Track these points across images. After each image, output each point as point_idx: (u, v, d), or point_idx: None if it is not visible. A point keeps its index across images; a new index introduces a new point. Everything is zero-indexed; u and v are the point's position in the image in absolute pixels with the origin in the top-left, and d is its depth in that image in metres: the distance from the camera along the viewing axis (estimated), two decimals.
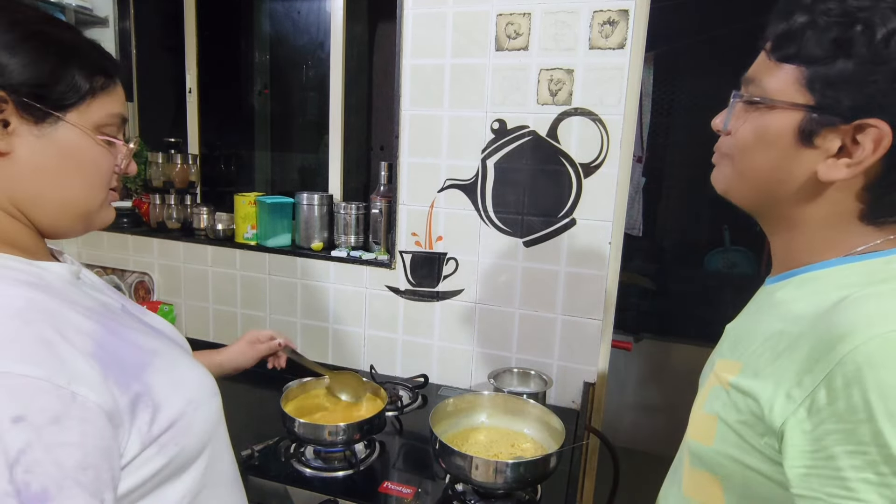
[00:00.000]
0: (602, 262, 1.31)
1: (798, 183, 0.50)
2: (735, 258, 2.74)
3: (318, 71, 1.91)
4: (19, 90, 0.51)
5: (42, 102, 0.53)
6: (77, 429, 0.46)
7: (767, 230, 0.59)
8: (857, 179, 0.48)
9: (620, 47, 1.22)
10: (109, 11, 1.80)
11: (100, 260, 1.84)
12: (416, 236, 1.46)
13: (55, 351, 0.48)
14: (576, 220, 1.32)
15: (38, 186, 0.55)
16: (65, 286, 0.57)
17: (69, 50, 0.55)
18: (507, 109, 1.32)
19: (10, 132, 0.52)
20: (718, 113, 0.59)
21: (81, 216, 0.59)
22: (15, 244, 0.55)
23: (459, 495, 1.04)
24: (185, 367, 0.63)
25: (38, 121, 0.53)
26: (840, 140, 0.47)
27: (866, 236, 0.50)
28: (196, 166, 1.85)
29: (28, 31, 0.53)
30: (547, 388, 1.33)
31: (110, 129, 0.59)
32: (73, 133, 0.55)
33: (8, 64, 0.51)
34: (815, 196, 0.50)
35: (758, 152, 0.53)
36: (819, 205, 0.51)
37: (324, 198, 1.60)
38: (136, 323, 0.64)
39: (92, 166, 0.58)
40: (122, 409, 0.51)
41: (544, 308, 1.38)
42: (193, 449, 0.59)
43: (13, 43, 0.51)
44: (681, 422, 2.58)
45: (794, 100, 0.49)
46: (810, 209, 0.51)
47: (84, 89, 0.56)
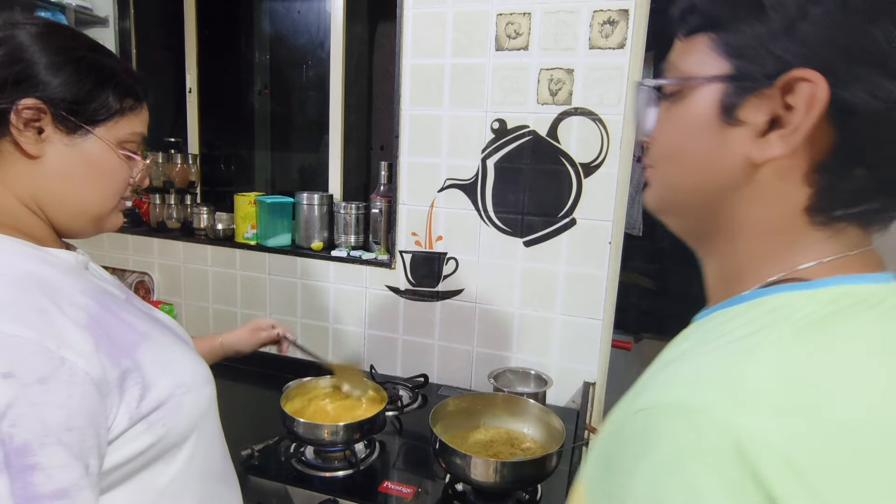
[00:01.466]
0: (602, 261, 1.31)
1: (730, 175, 0.40)
2: None
3: (318, 71, 1.91)
4: (58, 104, 0.59)
5: (76, 116, 0.61)
6: (63, 391, 0.49)
7: (703, 255, 0.49)
8: (800, 159, 0.37)
9: (620, 47, 1.22)
10: (109, 11, 1.80)
11: (100, 259, 1.84)
12: (416, 236, 1.46)
13: (48, 318, 0.52)
14: (576, 220, 1.32)
15: (61, 189, 0.62)
16: (69, 270, 0.63)
17: (106, 74, 0.63)
18: (507, 109, 1.32)
19: (43, 139, 0.60)
20: None
21: (94, 219, 0.66)
22: (27, 233, 0.61)
23: (459, 495, 1.04)
24: (178, 353, 0.67)
25: (70, 132, 0.61)
26: (769, 109, 0.37)
27: (817, 246, 0.39)
28: (196, 166, 1.85)
29: (73, 55, 0.61)
30: (547, 387, 1.33)
31: (131, 145, 0.67)
32: (99, 146, 0.63)
33: (51, 81, 0.59)
34: (757, 191, 0.40)
35: (681, 152, 0.43)
36: (763, 203, 0.40)
37: (324, 197, 1.60)
38: (136, 311, 0.68)
39: (110, 176, 0.65)
40: (111, 380, 0.55)
41: (544, 308, 1.38)
42: (181, 431, 0.63)
43: (59, 64, 0.60)
44: None
45: (709, 72, 0.40)
46: (752, 211, 0.40)
47: (114, 109, 0.64)
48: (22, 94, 0.57)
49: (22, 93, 0.57)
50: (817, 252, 0.39)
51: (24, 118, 0.57)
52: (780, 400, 0.31)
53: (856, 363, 0.33)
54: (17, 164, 0.60)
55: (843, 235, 0.39)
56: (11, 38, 0.58)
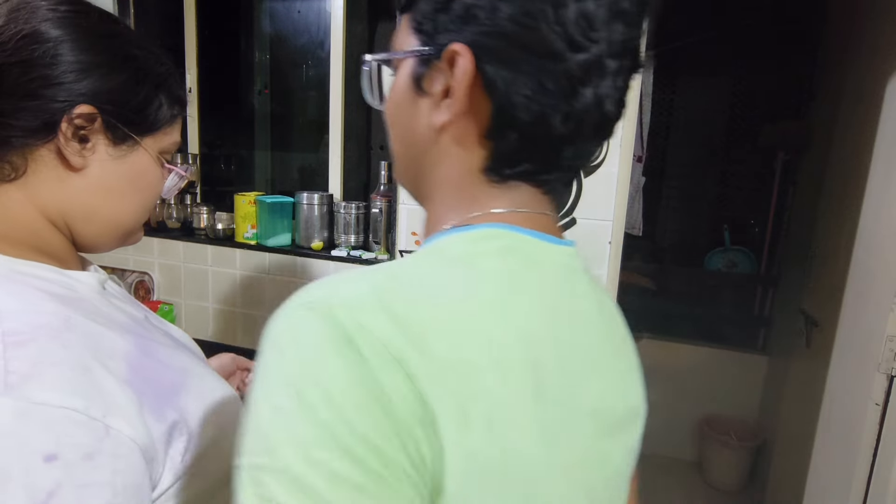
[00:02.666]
0: (602, 261, 1.31)
1: (424, 140, 0.44)
2: (735, 258, 2.74)
3: (318, 70, 1.91)
4: (109, 110, 0.52)
5: (127, 126, 0.54)
6: (109, 466, 0.44)
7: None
8: (471, 125, 0.41)
9: None
10: (110, 11, 1.80)
11: (100, 259, 1.84)
12: (416, 236, 1.46)
13: (93, 378, 0.46)
14: (576, 220, 1.32)
15: (97, 203, 0.55)
16: (95, 298, 0.56)
17: (162, 79, 0.57)
18: None
19: (88, 148, 0.52)
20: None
21: (123, 235, 0.60)
22: (48, 252, 0.54)
23: None
24: (215, 388, 0.60)
25: (118, 142, 0.54)
26: (442, 80, 0.41)
27: (491, 200, 0.43)
28: (196, 166, 1.85)
29: (132, 54, 0.54)
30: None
31: (168, 155, 0.61)
32: (144, 158, 0.57)
33: (105, 85, 0.52)
34: (441, 153, 0.44)
35: (396, 122, 0.47)
36: (446, 164, 0.44)
37: (324, 197, 1.60)
38: (163, 336, 0.62)
39: (150, 190, 0.59)
40: (157, 440, 0.49)
41: None
42: (222, 476, 0.57)
43: (117, 65, 0.53)
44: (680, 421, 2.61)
45: (405, 47, 0.44)
46: (440, 171, 0.44)
47: (165, 118, 0.58)
48: (77, 98, 0.50)
49: (77, 95, 0.50)
50: (489, 205, 0.43)
51: (76, 125, 0.50)
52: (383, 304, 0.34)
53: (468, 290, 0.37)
54: (52, 175, 0.52)
55: (515, 193, 0.43)
56: (73, 28, 0.51)
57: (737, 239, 2.75)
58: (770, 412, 2.46)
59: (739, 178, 2.77)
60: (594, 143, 0.44)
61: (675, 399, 2.77)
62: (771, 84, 2.62)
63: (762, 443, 2.49)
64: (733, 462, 2.52)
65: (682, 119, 2.81)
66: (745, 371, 2.66)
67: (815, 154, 2.23)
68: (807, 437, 1.77)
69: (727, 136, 2.74)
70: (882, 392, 1.29)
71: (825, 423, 1.65)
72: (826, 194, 1.99)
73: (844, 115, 1.88)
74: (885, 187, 1.41)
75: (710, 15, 2.61)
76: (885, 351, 1.28)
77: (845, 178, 1.76)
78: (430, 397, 0.31)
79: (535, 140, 0.40)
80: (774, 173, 2.58)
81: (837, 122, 1.95)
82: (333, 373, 0.30)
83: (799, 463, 1.84)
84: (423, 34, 0.42)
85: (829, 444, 1.59)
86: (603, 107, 0.40)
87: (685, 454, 2.76)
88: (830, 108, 2.03)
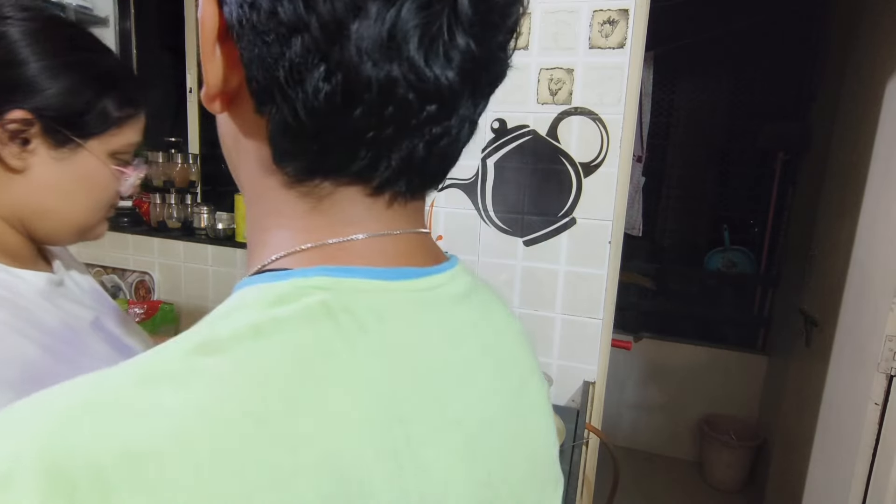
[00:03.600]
0: (602, 261, 1.31)
1: (227, 147, 0.36)
2: (735, 258, 2.74)
3: None
4: (49, 115, 0.52)
5: (68, 129, 0.54)
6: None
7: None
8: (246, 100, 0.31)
9: (620, 47, 1.22)
10: (110, 11, 1.80)
11: (100, 259, 1.84)
12: None
13: None
14: (576, 220, 1.32)
15: (45, 202, 0.55)
16: (33, 299, 0.56)
17: (107, 81, 0.56)
18: (507, 109, 1.32)
19: (29, 151, 0.53)
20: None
21: (78, 231, 0.60)
22: (2, 249, 0.56)
23: None
24: None
25: (59, 145, 0.54)
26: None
27: (292, 222, 0.33)
28: (196, 165, 1.85)
29: (72, 58, 0.53)
30: (547, 387, 1.33)
31: (125, 156, 0.60)
32: (90, 160, 0.56)
33: (46, 89, 0.51)
34: (235, 149, 0.35)
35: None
36: (240, 163, 0.35)
37: None
38: (101, 343, 0.61)
39: (99, 190, 0.59)
40: None
41: (544, 307, 1.38)
42: None
43: (56, 69, 0.52)
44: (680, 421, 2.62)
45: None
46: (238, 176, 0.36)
47: (111, 120, 0.57)
48: (10, 104, 0.50)
49: (10, 102, 0.50)
50: (317, 230, 0.32)
51: (10, 130, 0.51)
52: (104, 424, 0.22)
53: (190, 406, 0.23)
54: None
55: (348, 205, 0.32)
56: (13, 31, 0.51)
57: (736, 239, 2.75)
58: (770, 412, 2.46)
59: (739, 178, 2.77)
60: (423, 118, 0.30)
61: (675, 399, 2.77)
62: (771, 84, 2.62)
63: (762, 443, 2.49)
64: (733, 462, 2.53)
65: (682, 119, 2.81)
66: (744, 371, 2.66)
67: (815, 154, 2.23)
68: (806, 436, 1.77)
69: (727, 136, 2.75)
70: (881, 391, 1.29)
71: (825, 422, 1.65)
72: (826, 194, 1.99)
73: (844, 115, 1.88)
74: (885, 187, 1.42)
75: (711, 15, 2.61)
76: (885, 350, 1.28)
77: (845, 178, 1.76)
78: None
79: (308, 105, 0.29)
80: (774, 173, 2.58)
81: (837, 123, 1.95)
82: None
83: (799, 463, 1.84)
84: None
85: (829, 444, 1.59)
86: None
87: (685, 454, 2.77)
88: (830, 109, 2.03)
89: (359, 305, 0.30)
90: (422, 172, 0.33)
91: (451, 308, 0.35)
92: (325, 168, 0.31)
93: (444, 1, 0.28)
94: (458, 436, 0.31)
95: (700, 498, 2.54)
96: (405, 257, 0.34)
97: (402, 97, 0.29)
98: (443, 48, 0.29)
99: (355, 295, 0.30)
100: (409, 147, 0.31)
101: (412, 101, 0.29)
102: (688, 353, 2.75)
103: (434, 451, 0.29)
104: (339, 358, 0.27)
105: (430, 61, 0.28)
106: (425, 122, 0.30)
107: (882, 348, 1.28)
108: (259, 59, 0.29)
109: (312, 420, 0.25)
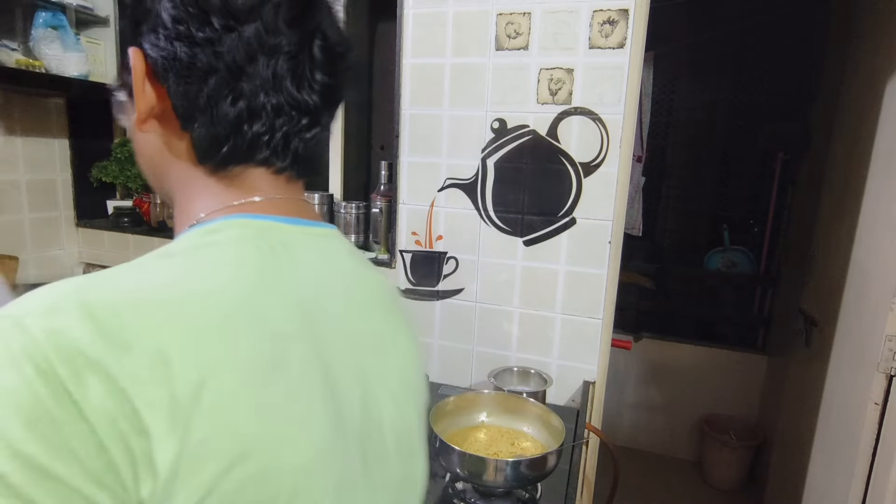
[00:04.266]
0: (602, 261, 1.31)
1: (144, 146, 0.48)
2: (735, 258, 2.74)
3: None
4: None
5: None
6: None
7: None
8: (171, 121, 0.45)
9: (620, 47, 1.22)
10: (110, 11, 1.80)
11: (100, 259, 1.84)
12: (416, 235, 1.46)
13: None
14: (576, 220, 1.32)
15: None
16: None
17: None
18: (507, 109, 1.32)
19: None
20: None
21: None
22: None
23: (459, 494, 1.04)
24: None
25: None
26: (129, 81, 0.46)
27: (225, 192, 0.46)
28: None
29: None
30: (547, 386, 1.33)
31: None
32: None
33: None
34: (161, 157, 0.47)
35: (131, 137, 0.52)
36: (169, 166, 0.47)
37: (324, 197, 1.60)
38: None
39: None
40: None
41: (544, 307, 1.38)
42: None
43: None
44: (680, 421, 2.61)
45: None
46: (170, 173, 0.48)
47: None
48: None
49: None
50: (227, 198, 0.45)
51: None
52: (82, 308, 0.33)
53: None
54: None
55: (250, 181, 0.46)
56: None
57: (736, 239, 2.75)
58: (770, 412, 2.46)
59: (739, 178, 2.77)
60: (302, 116, 0.46)
61: (675, 399, 2.77)
62: (771, 84, 2.62)
63: (762, 442, 2.49)
64: (733, 462, 2.53)
65: (682, 119, 2.81)
66: (744, 371, 2.66)
67: (815, 154, 2.23)
68: (806, 436, 1.77)
69: (727, 136, 2.75)
70: (881, 391, 1.29)
71: (825, 422, 1.65)
72: (825, 194, 1.99)
73: (844, 115, 1.88)
74: (885, 187, 1.42)
75: (711, 15, 2.61)
76: (885, 350, 1.28)
77: (845, 178, 1.76)
78: (132, 394, 0.31)
79: (223, 122, 0.43)
80: (774, 173, 2.58)
81: (837, 123, 1.95)
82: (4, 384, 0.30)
83: (798, 462, 1.84)
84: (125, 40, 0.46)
85: (829, 444, 1.59)
86: (280, 81, 0.44)
87: (685, 454, 2.77)
88: (830, 109, 2.03)
89: (268, 236, 0.43)
90: (303, 161, 0.48)
91: (336, 246, 0.50)
92: (237, 159, 0.45)
93: (305, 53, 0.44)
94: (340, 325, 0.46)
95: (700, 498, 2.54)
96: (296, 213, 0.48)
97: (287, 113, 0.45)
98: (307, 82, 0.45)
99: (265, 230, 0.44)
100: (294, 145, 0.46)
101: (293, 116, 0.45)
102: (688, 353, 2.75)
103: (326, 327, 0.44)
104: (261, 264, 0.41)
105: (301, 91, 0.45)
106: (302, 129, 0.46)
107: (882, 348, 1.28)
108: (183, 93, 0.43)
109: (247, 291, 0.39)
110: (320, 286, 0.45)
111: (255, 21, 0.42)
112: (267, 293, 0.40)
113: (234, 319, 0.37)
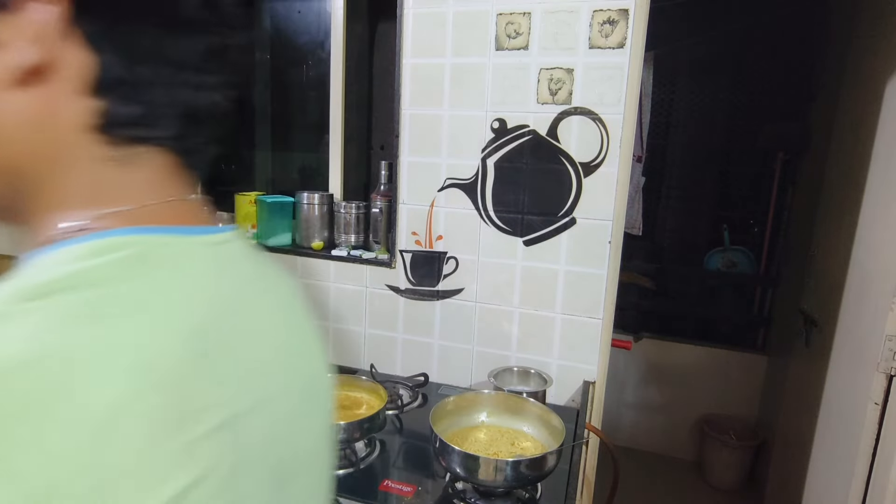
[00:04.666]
0: (602, 261, 1.31)
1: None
2: (735, 258, 2.74)
3: (319, 70, 1.91)
4: None
5: None
6: None
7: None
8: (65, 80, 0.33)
9: (620, 47, 1.22)
10: None
11: None
12: (416, 235, 1.46)
13: None
14: (576, 219, 1.32)
15: None
16: None
17: None
18: (507, 109, 1.32)
19: None
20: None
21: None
22: None
23: (459, 493, 1.04)
24: None
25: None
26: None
27: (111, 186, 0.36)
28: None
29: None
30: (547, 386, 1.33)
31: None
32: None
33: None
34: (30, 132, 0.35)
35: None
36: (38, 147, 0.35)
37: (324, 197, 1.60)
38: None
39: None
40: None
41: (544, 307, 1.38)
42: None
43: None
44: (680, 421, 2.62)
45: None
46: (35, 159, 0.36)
47: None
48: None
49: None
50: (112, 197, 0.36)
51: None
52: None
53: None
54: None
55: (144, 171, 0.38)
56: None
57: (736, 239, 2.75)
58: (770, 412, 2.46)
59: (739, 178, 2.77)
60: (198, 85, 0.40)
61: (675, 399, 2.77)
62: (771, 84, 2.62)
63: (762, 442, 2.49)
64: (733, 462, 2.53)
65: (682, 119, 2.81)
66: (744, 371, 2.66)
67: (815, 154, 2.23)
68: (806, 436, 1.77)
69: (727, 136, 2.75)
70: (881, 391, 1.29)
71: (825, 422, 1.65)
72: (825, 194, 1.99)
73: (844, 115, 1.88)
74: (885, 187, 1.42)
75: (711, 15, 2.61)
76: (885, 350, 1.28)
77: (844, 179, 1.76)
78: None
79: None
80: (774, 173, 2.58)
81: (837, 123, 1.95)
82: None
83: (799, 463, 1.84)
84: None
85: (829, 444, 1.59)
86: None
87: (685, 454, 2.77)
88: (830, 109, 2.03)
89: (163, 254, 0.35)
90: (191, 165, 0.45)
91: (240, 253, 0.45)
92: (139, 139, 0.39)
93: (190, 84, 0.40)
94: (254, 341, 0.40)
95: (700, 498, 2.54)
96: (200, 219, 0.43)
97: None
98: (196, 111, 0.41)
99: (159, 247, 0.35)
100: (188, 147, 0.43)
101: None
102: (688, 353, 2.75)
103: (235, 350, 0.36)
104: (149, 298, 0.32)
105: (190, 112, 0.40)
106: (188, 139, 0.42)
107: (882, 348, 1.28)
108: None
109: (133, 347, 0.29)
110: (215, 309, 0.36)
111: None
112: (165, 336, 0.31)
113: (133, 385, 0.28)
